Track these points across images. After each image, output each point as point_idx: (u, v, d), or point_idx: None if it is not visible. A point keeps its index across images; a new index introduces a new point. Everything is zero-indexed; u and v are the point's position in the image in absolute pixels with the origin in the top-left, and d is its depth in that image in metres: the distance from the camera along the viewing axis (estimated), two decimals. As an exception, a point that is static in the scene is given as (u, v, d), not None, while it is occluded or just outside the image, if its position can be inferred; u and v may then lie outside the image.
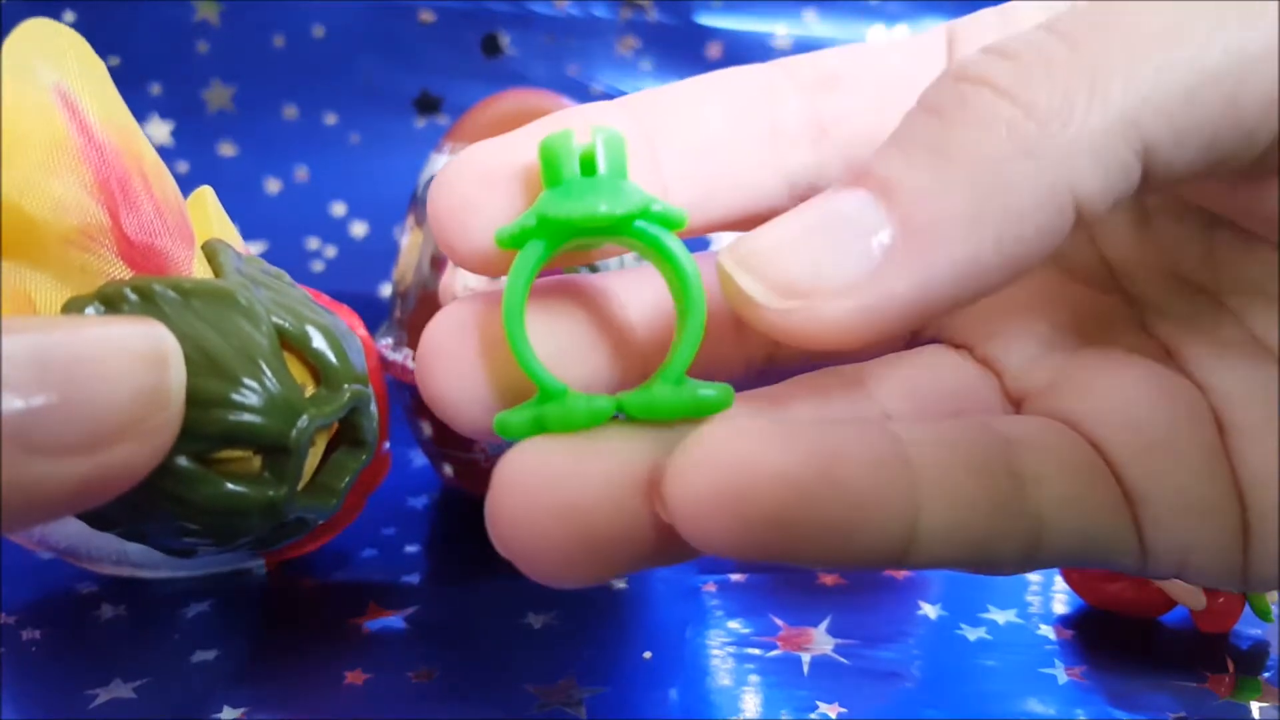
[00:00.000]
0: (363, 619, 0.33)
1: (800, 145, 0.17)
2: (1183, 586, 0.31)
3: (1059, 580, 0.34)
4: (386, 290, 0.56)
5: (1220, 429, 0.15)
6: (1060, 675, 0.30)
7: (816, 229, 0.13)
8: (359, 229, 0.66)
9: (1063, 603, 0.34)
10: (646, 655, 0.31)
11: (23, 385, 0.12)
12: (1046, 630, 0.32)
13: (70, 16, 0.60)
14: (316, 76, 0.65)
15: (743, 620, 0.33)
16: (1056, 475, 0.15)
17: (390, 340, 0.38)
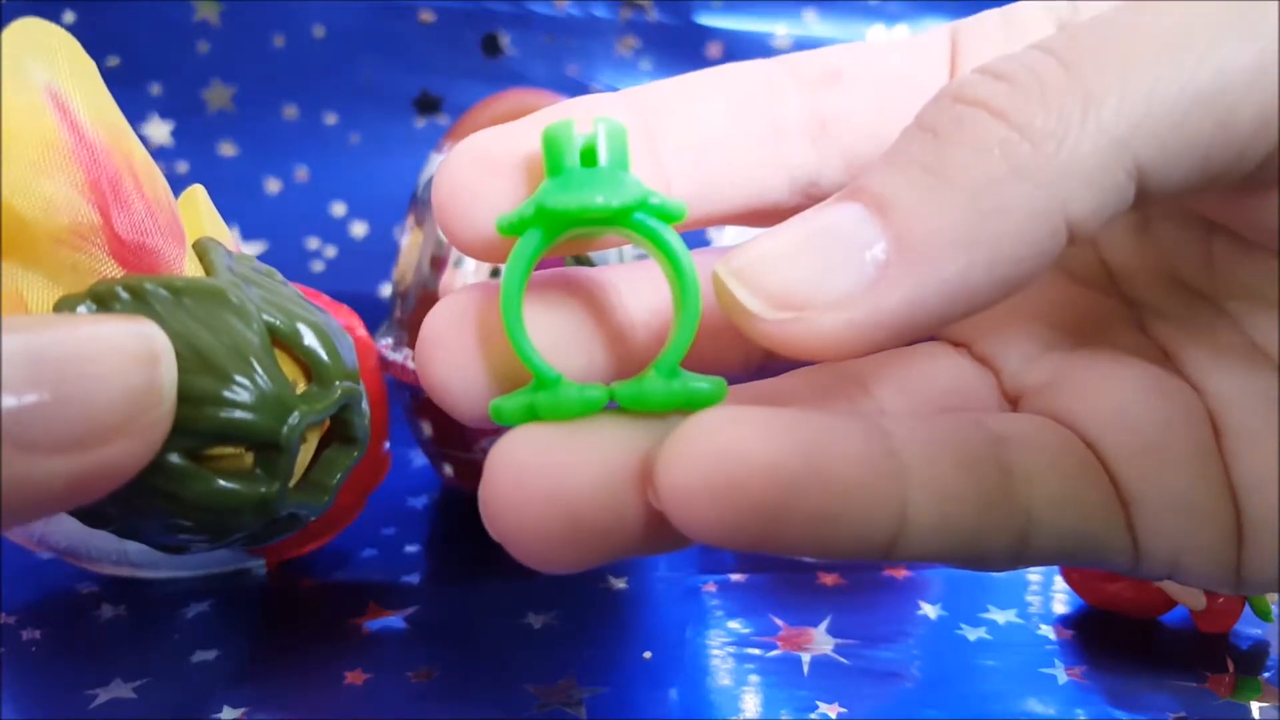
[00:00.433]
0: (363, 619, 0.33)
1: (801, 141, 0.17)
2: (1183, 586, 0.31)
3: (1059, 580, 0.34)
4: (386, 290, 0.56)
5: (1216, 432, 0.15)
6: (1060, 675, 0.30)
7: (811, 242, 0.13)
8: (359, 229, 0.66)
9: (1063, 603, 0.34)
10: (646, 655, 0.31)
11: (15, 383, 0.12)
12: (1046, 630, 0.32)
13: (70, 17, 0.61)
14: (316, 76, 0.65)
15: (743, 620, 0.32)
16: (1048, 473, 0.15)
17: (390, 340, 0.38)
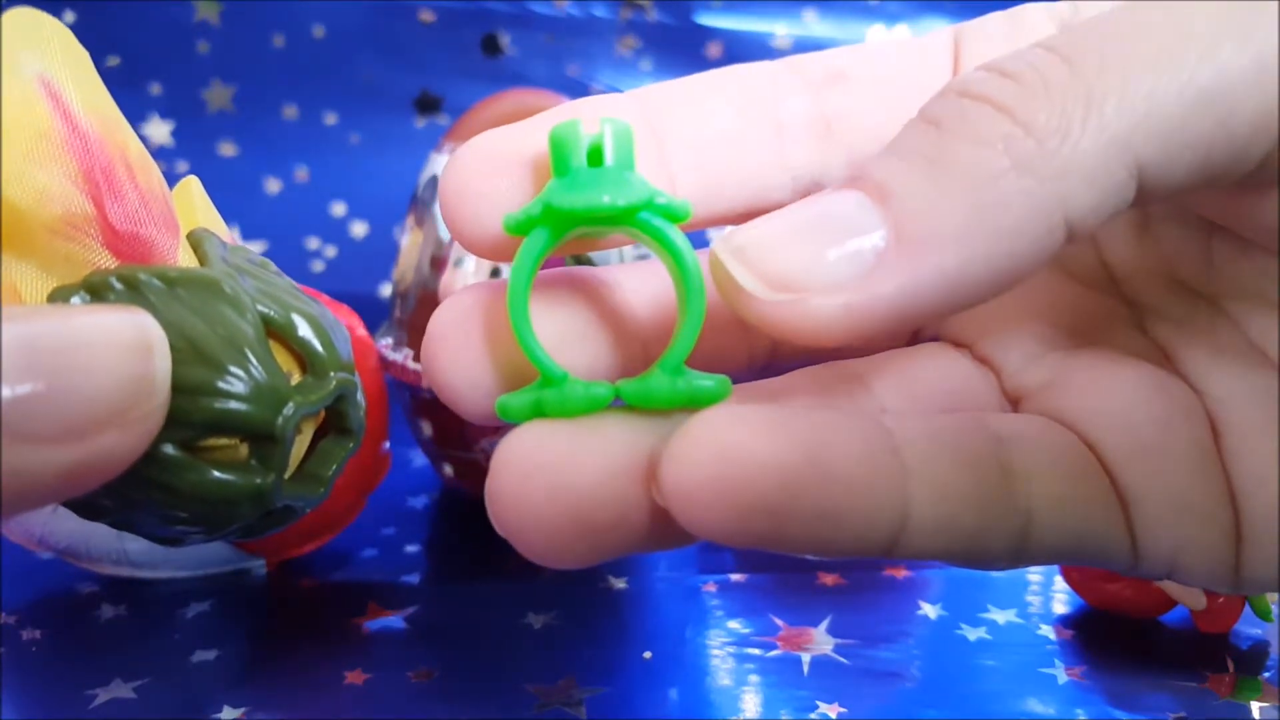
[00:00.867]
0: (363, 619, 0.33)
1: (805, 142, 0.17)
2: (1183, 586, 0.31)
3: (1059, 580, 0.34)
4: (386, 290, 0.56)
5: (1215, 432, 0.15)
6: (1060, 675, 0.30)
7: (811, 226, 0.13)
8: (359, 229, 0.66)
9: (1063, 603, 0.34)
10: (646, 655, 0.31)
11: (10, 374, 0.12)
12: (1046, 630, 0.32)
13: (70, 16, 0.61)
14: (316, 76, 0.65)
15: (743, 620, 0.32)
16: (1048, 473, 0.15)
17: (390, 340, 0.38)
